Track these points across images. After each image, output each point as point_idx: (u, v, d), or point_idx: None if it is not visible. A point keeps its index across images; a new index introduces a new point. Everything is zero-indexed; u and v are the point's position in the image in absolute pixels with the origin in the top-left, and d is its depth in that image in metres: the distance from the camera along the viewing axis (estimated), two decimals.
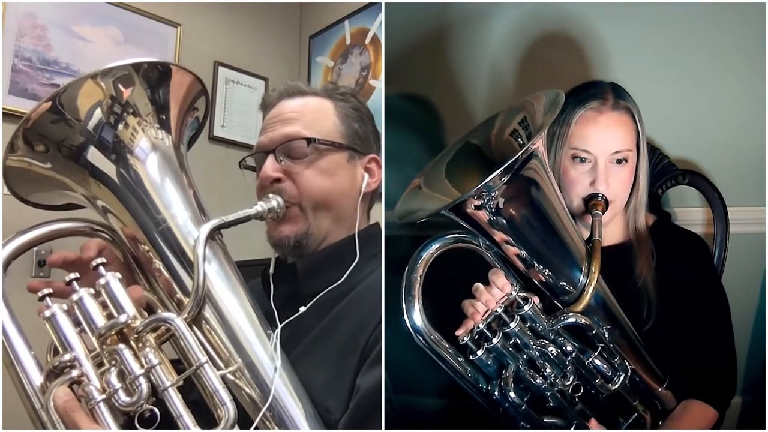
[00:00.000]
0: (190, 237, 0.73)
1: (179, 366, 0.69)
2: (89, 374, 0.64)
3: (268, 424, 0.68)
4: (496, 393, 0.89)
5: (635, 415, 0.99)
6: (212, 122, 2.62)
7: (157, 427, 0.63)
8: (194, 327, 0.70)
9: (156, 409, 0.63)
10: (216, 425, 0.64)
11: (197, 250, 0.70)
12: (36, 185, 0.77)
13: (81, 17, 2.29)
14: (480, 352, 0.87)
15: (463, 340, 0.89)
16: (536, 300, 0.90)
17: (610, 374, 0.94)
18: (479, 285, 0.89)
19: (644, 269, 1.03)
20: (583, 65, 1.37)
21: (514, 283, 0.90)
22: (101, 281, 0.69)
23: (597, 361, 0.92)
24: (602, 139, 0.97)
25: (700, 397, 1.03)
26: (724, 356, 1.06)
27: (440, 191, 0.92)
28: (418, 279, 0.88)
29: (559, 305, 0.91)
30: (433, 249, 0.89)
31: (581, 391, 0.93)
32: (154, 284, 0.75)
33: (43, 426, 0.63)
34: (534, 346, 0.88)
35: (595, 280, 0.87)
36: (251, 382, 0.69)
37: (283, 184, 0.88)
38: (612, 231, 1.06)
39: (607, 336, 0.93)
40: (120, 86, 0.73)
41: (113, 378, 0.64)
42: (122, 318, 0.66)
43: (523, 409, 0.89)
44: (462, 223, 0.86)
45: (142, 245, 0.74)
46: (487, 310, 0.88)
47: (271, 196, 0.86)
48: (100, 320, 0.67)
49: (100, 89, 0.72)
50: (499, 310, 0.88)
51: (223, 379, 0.67)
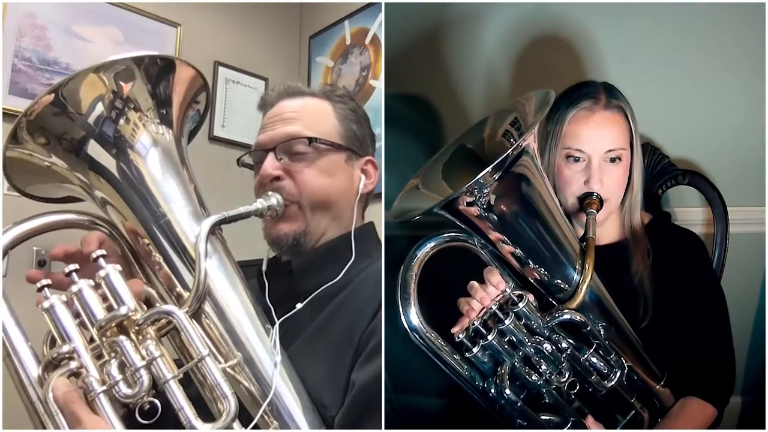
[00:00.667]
0: (191, 232, 0.73)
1: (179, 362, 0.69)
2: (88, 366, 0.63)
3: (267, 418, 0.68)
4: (492, 390, 0.89)
5: (633, 412, 0.99)
6: (212, 122, 2.62)
7: (158, 419, 0.63)
8: (194, 321, 0.70)
9: (157, 402, 0.63)
10: (212, 421, 0.64)
11: (198, 245, 0.70)
12: (35, 177, 0.77)
13: (81, 17, 2.29)
14: (476, 349, 0.88)
15: (459, 338, 0.89)
16: (531, 297, 0.90)
17: (606, 371, 0.94)
18: (474, 283, 0.90)
19: (640, 267, 1.03)
20: (582, 66, 1.37)
21: (509, 281, 0.90)
22: (101, 273, 0.69)
23: (593, 358, 0.93)
24: (595, 138, 0.98)
25: (699, 394, 1.03)
26: (722, 353, 1.07)
27: (436, 191, 0.93)
28: (414, 277, 0.88)
29: (554, 303, 0.92)
30: (428, 248, 0.90)
31: (577, 388, 0.93)
32: (152, 278, 0.75)
33: (39, 417, 0.62)
34: (529, 343, 0.89)
35: (589, 277, 0.88)
36: (250, 377, 0.69)
37: (283, 182, 0.89)
38: (608, 229, 1.07)
39: (602, 333, 0.94)
40: (121, 81, 0.73)
41: (114, 370, 0.63)
42: (122, 310, 0.66)
43: (519, 406, 0.89)
44: (457, 222, 0.87)
45: (141, 239, 0.74)
46: (483, 307, 0.89)
47: (270, 193, 0.87)
48: (99, 312, 0.67)
49: (102, 83, 0.72)
50: (494, 308, 0.88)
51: (224, 372, 0.67)
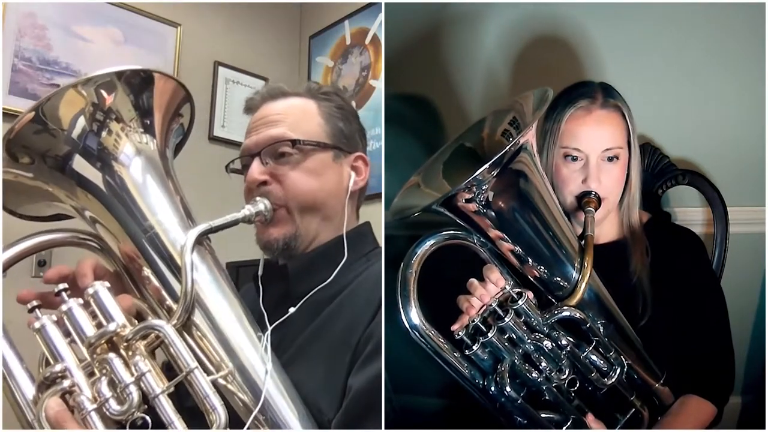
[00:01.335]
0: (178, 243, 0.72)
1: (171, 373, 0.68)
2: (80, 384, 0.64)
3: (260, 426, 0.67)
4: (493, 388, 0.89)
5: (633, 410, 1.00)
6: (212, 122, 2.62)
7: None
8: (184, 333, 0.69)
9: (148, 417, 0.63)
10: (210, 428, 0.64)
11: (184, 256, 0.70)
12: (23, 197, 0.77)
13: (81, 17, 2.29)
14: (476, 347, 0.88)
15: (459, 335, 0.89)
16: (530, 295, 0.90)
17: (605, 369, 0.94)
18: (474, 280, 0.90)
19: (639, 265, 1.03)
20: (581, 66, 1.37)
21: (509, 279, 0.90)
22: (89, 291, 0.69)
23: (592, 356, 0.93)
24: (592, 137, 0.99)
25: (698, 392, 1.04)
26: (721, 351, 1.07)
27: (436, 189, 0.93)
28: (413, 275, 0.88)
29: (554, 301, 0.92)
30: (427, 245, 0.89)
31: (577, 386, 0.93)
32: (144, 292, 0.75)
33: None
34: (529, 341, 0.89)
35: (588, 274, 0.88)
36: (243, 386, 0.69)
37: (270, 186, 0.88)
38: (606, 228, 1.07)
39: (601, 330, 0.94)
40: (102, 93, 0.73)
41: (104, 387, 0.64)
42: (111, 327, 0.66)
43: (520, 403, 0.89)
44: (456, 220, 0.87)
45: (130, 254, 0.73)
46: (482, 304, 0.89)
47: (258, 199, 0.86)
48: (89, 330, 0.67)
49: (82, 97, 0.72)
50: (494, 305, 0.88)
51: (214, 383, 0.66)
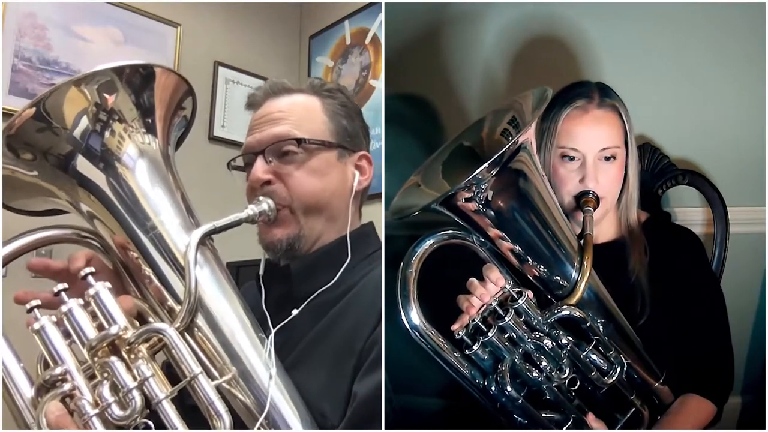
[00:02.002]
0: (180, 243, 0.71)
1: (171, 370, 0.68)
2: (81, 388, 0.63)
3: (264, 430, 0.67)
4: (493, 388, 0.89)
5: (633, 410, 1.00)
6: (212, 122, 2.62)
7: None
8: (187, 335, 0.68)
9: (150, 423, 0.63)
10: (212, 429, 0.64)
11: (188, 256, 0.69)
12: (20, 192, 0.76)
13: (81, 17, 2.29)
14: (476, 347, 0.88)
15: (459, 335, 0.89)
16: (530, 294, 0.90)
17: (606, 368, 0.94)
18: (473, 280, 0.90)
19: (637, 265, 1.03)
20: (582, 66, 1.37)
21: (508, 278, 0.90)
22: (90, 291, 0.67)
23: (592, 355, 0.93)
24: (589, 137, 0.99)
25: (698, 391, 1.04)
26: (720, 349, 1.07)
27: (436, 188, 0.93)
28: (413, 274, 0.88)
29: (553, 300, 0.92)
30: (427, 245, 0.89)
31: (577, 385, 0.93)
32: (144, 291, 0.74)
33: None
34: (529, 340, 0.89)
35: (588, 274, 0.88)
36: (246, 390, 0.68)
37: (274, 186, 0.86)
38: (605, 228, 1.07)
39: (601, 329, 0.94)
40: (104, 92, 0.72)
41: (106, 391, 0.62)
42: (113, 329, 0.65)
43: (520, 403, 0.89)
44: (456, 219, 0.87)
45: (131, 252, 0.72)
46: (482, 304, 0.88)
47: (261, 198, 0.85)
48: (90, 331, 0.66)
49: (84, 96, 0.71)
50: (494, 304, 0.88)
51: (218, 388, 0.66)
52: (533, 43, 1.40)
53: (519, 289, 0.89)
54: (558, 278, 0.90)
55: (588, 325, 0.92)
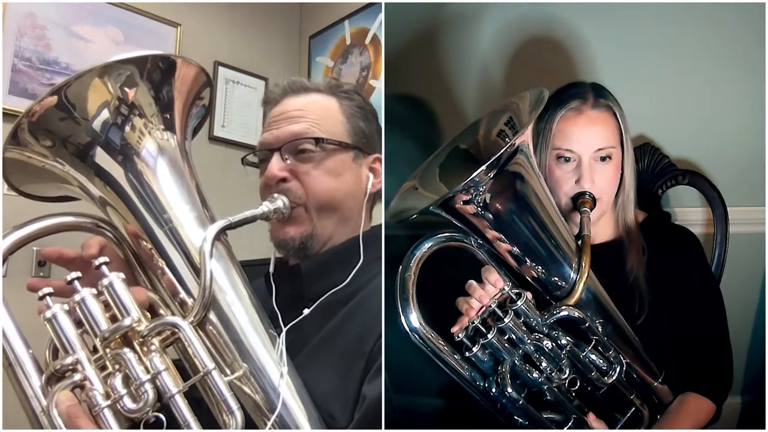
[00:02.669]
0: (195, 237, 0.71)
1: (180, 363, 0.68)
2: (92, 378, 0.62)
3: (272, 428, 0.67)
4: (494, 389, 0.89)
5: (632, 409, 1.00)
6: (212, 122, 2.62)
7: None
8: (199, 330, 0.68)
9: (162, 416, 0.62)
10: (218, 425, 0.64)
11: (204, 251, 0.69)
12: (32, 177, 0.76)
13: (81, 17, 2.29)
14: (476, 349, 0.88)
15: (459, 337, 0.89)
16: (529, 295, 0.90)
17: (605, 368, 0.94)
18: (472, 282, 0.90)
19: (635, 265, 1.03)
20: (583, 67, 1.37)
21: (507, 280, 0.90)
22: (104, 281, 0.67)
23: (592, 355, 0.93)
24: (584, 138, 0.99)
25: (697, 390, 1.04)
26: (718, 348, 1.07)
27: (434, 191, 0.93)
28: (412, 277, 0.88)
29: (552, 301, 0.92)
30: (425, 248, 0.89)
31: (577, 385, 0.93)
32: (155, 283, 0.74)
33: (44, 430, 0.61)
34: (528, 341, 0.89)
35: (586, 274, 0.88)
36: (256, 387, 0.68)
37: (289, 184, 0.86)
38: (602, 228, 1.07)
39: (600, 329, 0.94)
40: (125, 85, 0.72)
41: (118, 383, 0.62)
42: (127, 321, 0.65)
43: (521, 404, 0.89)
44: (454, 222, 0.87)
45: (144, 243, 0.72)
46: (482, 306, 0.88)
47: (276, 195, 0.85)
48: (102, 322, 0.65)
49: (106, 87, 0.71)
50: (493, 306, 0.88)
51: (229, 384, 0.66)
52: (531, 44, 1.40)
53: (518, 291, 0.89)
54: (556, 279, 0.91)
55: (587, 325, 0.92)
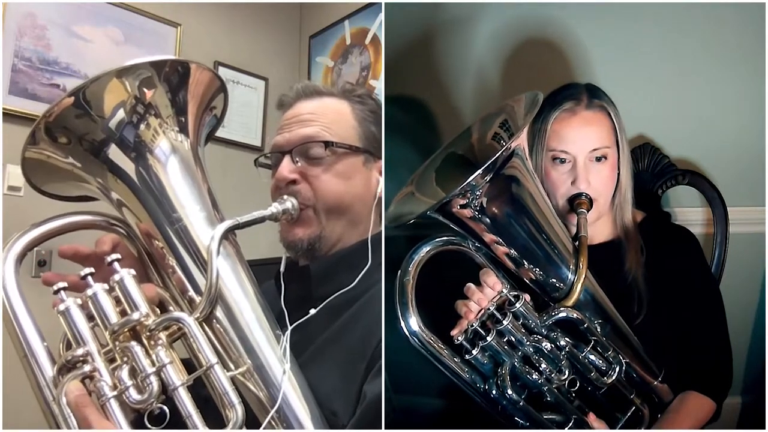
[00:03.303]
0: (205, 236, 0.73)
1: (190, 362, 0.69)
2: (101, 370, 0.64)
3: (274, 424, 0.68)
4: (494, 391, 0.89)
5: (633, 409, 1.00)
6: None
7: (166, 425, 0.63)
8: (205, 326, 0.70)
9: (166, 408, 0.64)
10: (226, 424, 0.65)
11: (211, 249, 0.70)
12: (53, 176, 0.78)
13: (81, 17, 2.29)
14: (475, 351, 0.88)
15: (458, 340, 0.89)
16: (527, 297, 0.91)
17: (604, 368, 0.95)
18: (471, 285, 0.90)
19: (633, 265, 1.03)
20: (583, 67, 1.37)
21: (505, 282, 0.91)
22: (116, 277, 0.69)
23: (591, 356, 0.93)
24: (578, 139, 0.99)
25: (697, 388, 1.04)
26: (718, 346, 1.07)
27: (431, 196, 0.93)
28: (411, 282, 0.88)
29: (551, 302, 0.92)
30: (423, 252, 0.90)
31: (577, 386, 0.93)
32: (166, 281, 0.75)
33: (54, 418, 0.63)
34: (528, 343, 0.89)
35: (584, 275, 0.89)
36: (260, 384, 0.69)
37: (299, 186, 0.88)
38: (600, 229, 1.07)
39: (599, 330, 0.94)
40: (143, 86, 0.74)
41: (125, 375, 0.64)
42: (135, 315, 0.67)
43: (521, 405, 0.90)
44: (452, 226, 0.87)
45: (156, 241, 0.74)
46: (480, 308, 0.89)
47: (285, 197, 0.86)
48: (113, 316, 0.67)
49: (123, 87, 0.73)
50: (492, 308, 0.88)
51: (233, 380, 0.67)
52: (529, 45, 1.40)
53: (516, 293, 0.90)
54: (554, 281, 0.91)
55: (585, 326, 0.92)
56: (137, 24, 2.44)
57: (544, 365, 0.90)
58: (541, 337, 0.90)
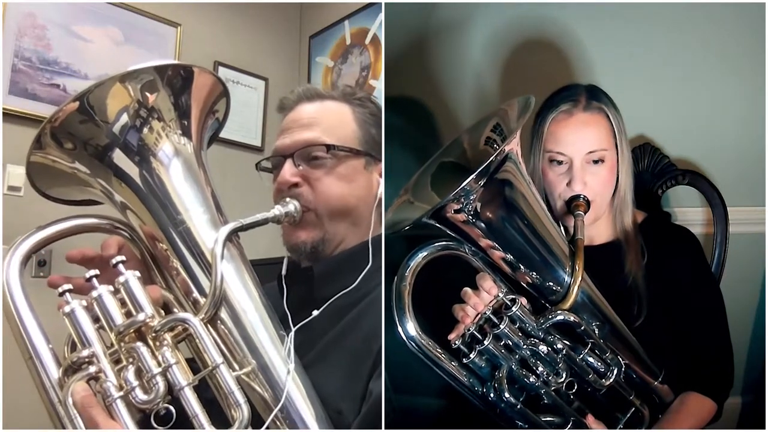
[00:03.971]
0: (208, 239, 0.74)
1: (193, 365, 0.70)
2: (107, 371, 0.65)
3: (279, 424, 0.68)
4: (492, 395, 0.89)
5: (633, 409, 1.00)
6: None
7: (173, 425, 0.64)
8: (210, 327, 0.70)
9: (172, 408, 0.64)
10: (230, 425, 0.65)
11: (215, 251, 0.71)
12: (58, 180, 0.78)
13: (81, 17, 2.29)
14: (473, 355, 0.88)
15: (455, 344, 0.89)
16: (524, 301, 0.90)
17: (603, 370, 0.94)
18: (467, 289, 0.90)
19: (633, 266, 1.03)
20: (583, 68, 1.37)
21: (502, 286, 0.91)
22: (120, 279, 0.70)
23: (589, 358, 0.93)
24: (575, 140, 0.98)
25: (698, 389, 1.04)
26: (719, 347, 1.07)
27: (426, 202, 0.93)
28: (408, 287, 0.88)
29: (548, 305, 0.92)
30: (420, 258, 0.90)
31: (575, 388, 0.93)
32: (170, 283, 0.76)
33: (60, 419, 0.64)
34: (525, 346, 0.89)
35: (580, 278, 0.89)
36: (264, 384, 0.69)
37: (301, 189, 0.88)
38: (600, 230, 1.07)
39: (596, 332, 0.94)
40: (146, 90, 0.75)
41: (131, 375, 0.65)
42: (140, 316, 0.67)
43: (519, 408, 0.90)
44: (448, 231, 0.87)
45: (160, 244, 0.75)
46: (477, 313, 0.89)
47: (288, 199, 0.87)
48: (118, 317, 0.68)
49: (127, 92, 0.74)
50: (488, 313, 0.89)
51: (238, 380, 0.67)
52: (529, 46, 1.40)
53: (512, 297, 0.90)
54: (551, 284, 0.91)
55: (582, 328, 0.92)
56: (137, 24, 2.44)
57: (541, 368, 0.90)
58: (537, 341, 0.90)
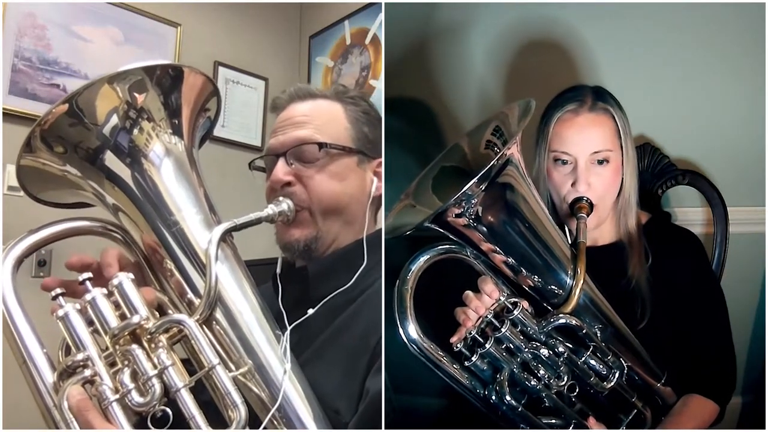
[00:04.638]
0: (202, 239, 0.73)
1: (189, 366, 0.70)
2: (102, 374, 0.65)
3: (276, 424, 0.68)
4: (493, 397, 0.89)
5: (635, 411, 1.00)
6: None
7: (170, 427, 0.64)
8: (205, 328, 0.70)
9: (168, 410, 0.64)
10: (226, 426, 0.65)
11: (209, 252, 0.71)
12: (49, 184, 0.78)
13: (81, 17, 2.29)
14: (474, 358, 0.88)
15: (457, 347, 0.89)
16: (525, 304, 0.90)
17: (604, 372, 0.94)
18: (469, 293, 0.90)
19: (637, 268, 1.03)
20: (585, 68, 1.37)
21: (503, 289, 0.91)
22: (114, 282, 0.70)
23: (591, 361, 0.93)
24: (580, 140, 0.98)
25: (701, 391, 1.04)
26: (722, 349, 1.07)
27: (428, 206, 0.93)
28: (409, 291, 0.88)
29: (550, 308, 0.92)
30: (421, 261, 0.90)
31: (577, 391, 0.93)
32: (165, 285, 0.76)
33: (55, 424, 0.63)
34: (526, 349, 0.89)
35: (581, 281, 0.88)
36: (261, 384, 0.69)
37: (294, 187, 0.88)
38: (605, 231, 1.07)
39: (598, 335, 0.94)
40: (134, 91, 0.74)
41: (126, 378, 0.64)
42: (135, 319, 0.67)
43: (521, 411, 0.90)
44: (449, 236, 0.87)
45: (153, 246, 0.74)
46: (479, 316, 0.89)
47: (281, 199, 0.87)
48: (112, 320, 0.68)
49: (116, 93, 0.73)
50: (490, 316, 0.89)
51: (234, 380, 0.67)
52: (533, 48, 1.40)
53: (514, 300, 0.90)
54: (553, 287, 0.91)
55: (584, 332, 0.92)
56: (137, 24, 2.44)
57: (542, 371, 0.90)
58: (539, 344, 0.90)
